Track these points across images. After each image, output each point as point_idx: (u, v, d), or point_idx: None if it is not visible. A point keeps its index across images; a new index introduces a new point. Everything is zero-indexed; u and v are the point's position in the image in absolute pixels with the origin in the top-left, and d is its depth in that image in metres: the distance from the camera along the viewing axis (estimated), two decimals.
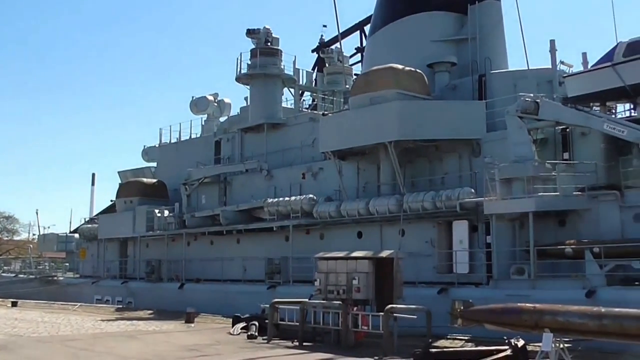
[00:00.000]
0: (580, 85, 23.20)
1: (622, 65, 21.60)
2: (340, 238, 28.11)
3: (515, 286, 21.02)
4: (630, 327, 13.03)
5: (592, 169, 22.03)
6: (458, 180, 25.83)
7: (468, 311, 15.78)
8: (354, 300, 20.50)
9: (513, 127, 22.75)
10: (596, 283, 19.49)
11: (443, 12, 30.61)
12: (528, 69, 25.57)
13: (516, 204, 21.72)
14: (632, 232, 20.66)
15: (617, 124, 21.26)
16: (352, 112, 28.23)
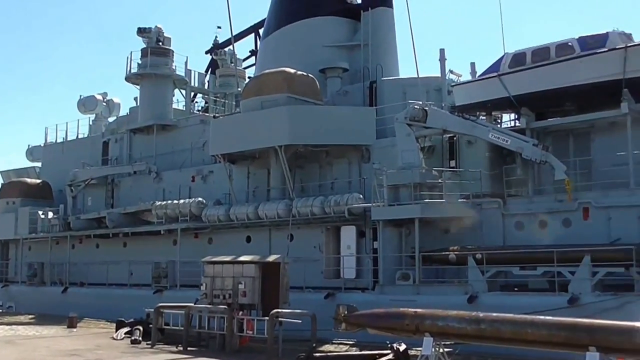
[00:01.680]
0: (467, 94, 23.65)
1: (508, 76, 22.14)
2: (228, 242, 27.52)
3: (400, 291, 21.06)
4: (505, 331, 13.17)
5: (477, 177, 22.42)
6: (347, 185, 25.83)
7: (352, 316, 15.70)
8: (239, 305, 20.32)
9: (401, 134, 22.86)
10: (478, 289, 19.75)
11: (336, 18, 30.74)
12: (418, 77, 25.90)
13: (402, 210, 21.80)
14: (513, 240, 21.16)
15: (502, 134, 21.74)
16: (243, 116, 27.75)
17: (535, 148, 20.85)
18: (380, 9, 30.37)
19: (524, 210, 21.42)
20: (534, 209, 21.24)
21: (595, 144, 21.75)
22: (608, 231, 19.65)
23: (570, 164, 21.13)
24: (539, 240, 20.43)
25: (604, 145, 21.33)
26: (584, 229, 20.08)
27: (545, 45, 21.65)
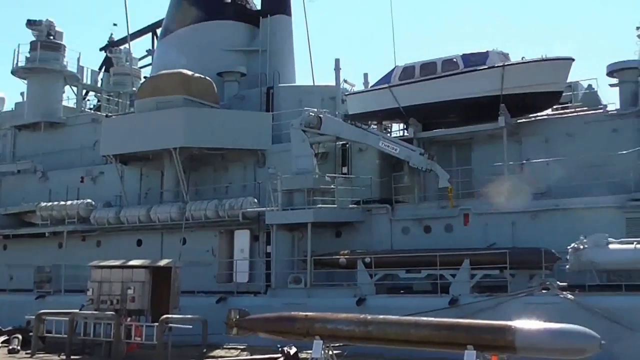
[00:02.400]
0: (360, 103, 24.53)
1: (398, 88, 23.18)
2: (118, 246, 26.91)
3: (292, 295, 21.51)
4: (391, 332, 13.89)
5: (368, 183, 23.29)
6: (242, 189, 26.01)
7: (243, 320, 15.92)
8: (128, 311, 19.92)
9: (296, 140, 23.38)
10: (366, 291, 20.54)
11: (235, 23, 30.85)
12: (314, 85, 26.61)
13: (296, 214, 22.30)
14: (400, 244, 22.20)
15: (392, 142, 22.72)
16: (137, 116, 27.36)
17: (421, 157, 21.97)
18: (279, 16, 30.81)
19: (411, 216, 22.53)
20: (420, 215, 22.39)
21: (475, 155, 23.13)
22: (485, 236, 21.04)
23: (453, 172, 22.39)
24: (423, 244, 21.54)
25: (483, 155, 22.71)
26: (464, 234, 21.43)
27: (433, 60, 22.85)
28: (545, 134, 22.05)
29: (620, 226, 19.27)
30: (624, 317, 16.37)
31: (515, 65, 21.59)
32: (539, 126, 22.34)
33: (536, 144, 21.99)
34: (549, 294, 17.69)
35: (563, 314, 15.36)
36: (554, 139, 21.78)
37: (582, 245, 17.77)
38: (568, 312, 16.09)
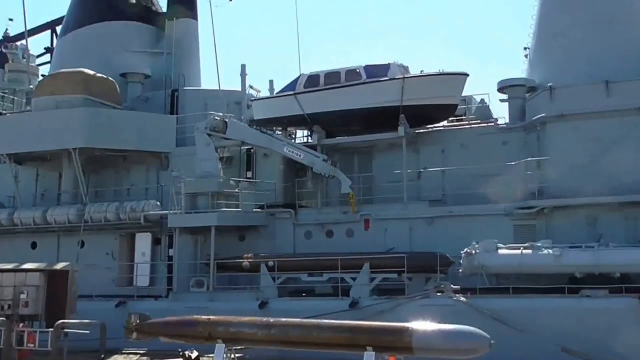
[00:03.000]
0: (265, 109, 24.84)
1: (303, 95, 23.67)
2: (11, 248, 25.82)
3: (194, 299, 21.50)
4: (293, 335, 14.16)
5: (272, 188, 23.63)
6: (144, 192, 25.70)
7: (144, 324, 15.74)
8: (20, 316, 19.08)
9: (201, 144, 23.39)
10: (269, 295, 20.85)
11: (140, 24, 30.40)
12: (219, 89, 26.63)
13: (199, 218, 22.31)
14: (303, 248, 22.68)
15: (296, 148, 23.17)
16: (34, 114, 26.49)
17: (324, 163, 22.54)
18: (185, 19, 30.62)
19: (313, 221, 23.05)
20: (322, 220, 22.95)
21: (376, 162, 23.95)
22: (384, 241, 21.86)
23: (355, 179, 23.11)
24: (325, 248, 22.10)
25: (383, 163, 23.57)
26: (364, 239, 22.16)
27: (337, 69, 23.50)
28: (441, 144, 23.14)
29: (508, 232, 20.49)
30: (511, 318, 17.44)
31: (415, 78, 22.56)
32: (436, 136, 23.44)
33: (433, 153, 23.06)
34: (443, 297, 18.56)
35: (456, 315, 16.13)
36: (449, 149, 22.90)
37: (473, 250, 18.80)
38: (461, 314, 16.94)
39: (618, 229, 19.52)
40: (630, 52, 20.76)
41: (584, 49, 21.61)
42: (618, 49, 20.99)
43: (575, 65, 21.60)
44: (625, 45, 20.96)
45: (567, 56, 22.07)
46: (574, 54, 21.84)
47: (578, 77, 20.97)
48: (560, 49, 22.40)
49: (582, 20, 21.91)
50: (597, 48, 21.36)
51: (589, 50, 21.49)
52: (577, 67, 21.46)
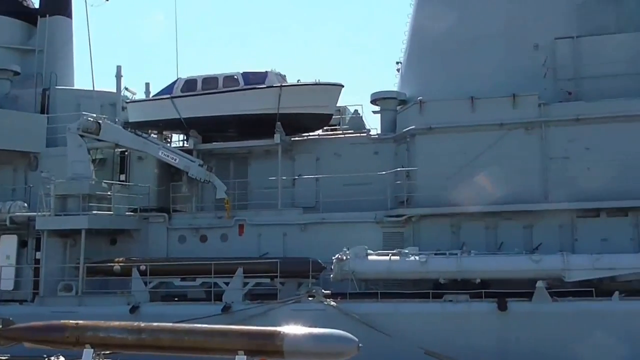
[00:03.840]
0: (141, 112, 24.43)
1: (180, 99, 23.50)
2: None
3: (62, 303, 20.82)
4: (164, 339, 14.07)
5: (146, 191, 23.28)
6: (11, 193, 24.59)
7: (7, 330, 15.12)
8: None
9: (72, 145, 22.66)
10: (140, 299, 20.53)
11: (10, 19, 28.92)
12: (94, 90, 25.87)
13: (69, 220, 21.64)
14: (176, 252, 22.50)
15: (171, 152, 22.97)
16: None
17: (200, 168, 22.51)
18: (59, 17, 29.35)
19: (187, 225, 22.93)
20: (196, 224, 22.89)
21: (252, 168, 24.11)
22: (258, 246, 22.13)
23: (230, 184, 23.18)
24: (199, 253, 22.06)
25: (258, 169, 23.79)
26: (238, 244, 22.29)
27: (215, 75, 23.51)
28: (316, 152, 23.65)
29: (378, 239, 21.30)
30: (378, 322, 18.18)
31: (291, 87, 22.99)
32: (311, 145, 23.96)
33: (308, 161, 23.54)
34: (315, 302, 19.03)
35: (327, 319, 16.69)
36: (323, 157, 23.41)
37: (344, 256, 19.41)
38: (331, 318, 17.53)
39: (479, 237, 20.68)
40: (492, 70, 22.18)
41: (452, 66, 22.84)
42: (482, 67, 22.35)
43: (443, 81, 22.77)
44: (488, 63, 22.35)
45: (435, 72, 23.21)
46: (442, 70, 23.04)
47: (446, 92, 22.12)
48: (430, 65, 23.55)
49: (450, 39, 23.18)
50: (463, 65, 22.63)
51: (456, 67, 22.72)
52: (445, 83, 22.64)
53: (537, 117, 20.72)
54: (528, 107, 20.80)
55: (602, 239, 19.63)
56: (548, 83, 21.62)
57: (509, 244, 20.14)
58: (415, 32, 24.89)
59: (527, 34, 22.14)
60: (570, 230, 20.22)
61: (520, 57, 22.00)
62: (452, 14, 23.34)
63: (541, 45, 21.94)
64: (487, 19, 22.72)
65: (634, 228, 19.75)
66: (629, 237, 19.68)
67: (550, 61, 21.75)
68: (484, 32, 22.64)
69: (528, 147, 20.71)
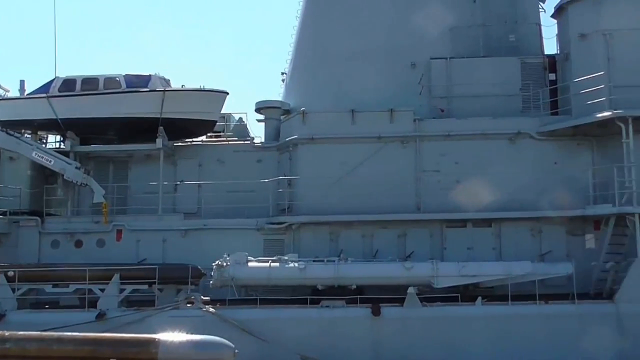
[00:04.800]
0: (14, 110, 23.40)
1: (57, 99, 22.74)
2: None
3: None
4: (31, 349, 13.59)
5: (17, 193, 22.31)
6: None
7: None
8: None
9: None
10: (7, 307, 19.61)
11: None
12: None
13: None
14: (49, 258, 21.70)
15: (46, 154, 22.16)
16: None
17: (77, 171, 21.90)
18: None
19: (62, 230, 22.21)
20: (71, 229, 22.21)
21: (132, 173, 23.72)
22: (137, 252, 21.78)
23: (109, 188, 22.74)
24: (74, 259, 21.39)
25: (139, 174, 23.45)
26: (116, 250, 21.88)
27: (95, 76, 22.96)
28: (198, 158, 23.62)
29: (259, 246, 21.58)
30: (257, 329, 18.40)
31: (175, 91, 22.87)
32: (194, 151, 23.89)
33: (190, 167, 23.47)
34: (193, 308, 18.99)
35: (205, 326, 16.68)
36: (206, 163, 23.46)
37: (224, 263, 19.53)
38: (210, 325, 17.55)
39: (357, 245, 21.46)
40: (372, 85, 23.09)
41: (334, 78, 23.60)
42: (363, 82, 23.22)
43: (326, 93, 23.49)
44: (369, 78, 23.26)
45: (319, 84, 23.91)
46: (325, 83, 23.74)
47: (328, 104, 22.84)
48: (313, 76, 24.22)
49: (333, 52, 23.94)
50: (345, 79, 23.45)
51: (339, 80, 23.50)
52: (327, 95, 23.37)
53: (412, 131, 21.85)
54: (404, 122, 21.88)
55: (468, 248, 20.98)
56: (423, 100, 22.84)
57: (384, 251, 21.03)
58: (300, 43, 25.48)
59: (405, 53, 23.29)
60: (440, 239, 21.40)
61: (398, 74, 23.11)
62: (336, 29, 24.16)
63: (418, 64, 23.17)
64: (369, 35, 23.69)
65: (496, 238, 21.23)
66: (491, 247, 21.13)
67: (426, 79, 23.01)
68: (365, 47, 23.56)
69: (403, 160, 21.76)
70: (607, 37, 21.02)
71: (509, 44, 23.46)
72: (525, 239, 21.09)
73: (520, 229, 21.13)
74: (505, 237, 21.18)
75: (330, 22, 24.46)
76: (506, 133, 21.54)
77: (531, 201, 20.91)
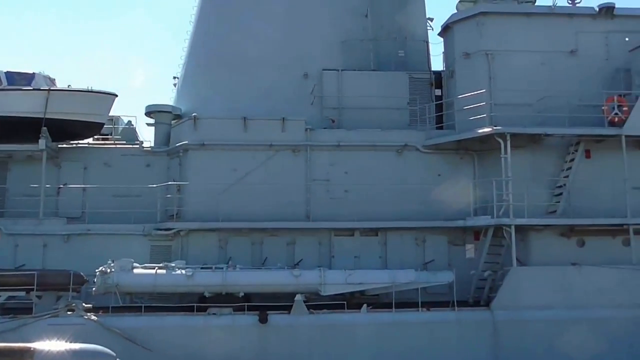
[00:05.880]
0: None
1: None
2: None
3: None
4: None
5: None
6: None
7: None
8: None
9: None
10: None
11: None
12: None
13: None
14: None
15: None
16: None
17: None
18: None
19: None
20: None
21: (12, 174, 22.57)
22: (15, 257, 20.80)
23: None
24: None
25: (20, 175, 22.37)
26: None
27: None
28: (84, 161, 22.84)
29: (145, 252, 21.15)
30: (141, 337, 17.98)
31: (61, 91, 22.02)
32: (79, 153, 23.07)
33: (75, 169, 22.65)
34: (74, 316, 18.31)
35: (87, 334, 16.14)
36: (92, 166, 22.72)
37: (108, 269, 18.99)
38: (91, 333, 16.99)
39: (246, 252, 21.46)
40: (265, 93, 23.25)
41: (227, 85, 23.57)
42: (256, 90, 23.34)
43: (218, 99, 23.40)
44: (262, 86, 23.39)
45: (211, 90, 23.78)
46: (218, 89, 23.65)
47: (220, 110, 22.75)
48: (206, 82, 24.07)
49: (227, 58, 23.91)
50: (238, 86, 23.46)
51: (231, 87, 23.49)
52: (220, 101, 23.29)
53: (304, 141, 22.17)
54: (296, 131, 22.16)
55: (355, 256, 21.47)
56: (315, 110, 23.25)
57: (273, 259, 21.14)
58: (194, 48, 25.27)
59: (298, 63, 23.66)
60: (328, 247, 21.77)
61: (291, 83, 23.42)
62: (230, 35, 24.15)
63: (310, 74, 23.59)
64: (263, 43, 23.85)
65: (382, 246, 21.84)
66: (377, 255, 21.72)
67: (318, 90, 23.42)
68: (259, 55, 23.71)
69: (294, 168, 22.03)
70: (489, 57, 22.25)
71: (398, 59, 24.34)
72: (410, 248, 21.82)
73: (405, 239, 21.86)
74: (391, 246, 21.82)
75: (224, 28, 24.42)
76: (394, 145, 22.26)
77: (416, 212, 21.70)
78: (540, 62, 22.38)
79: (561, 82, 22.09)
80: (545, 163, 21.71)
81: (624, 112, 21.17)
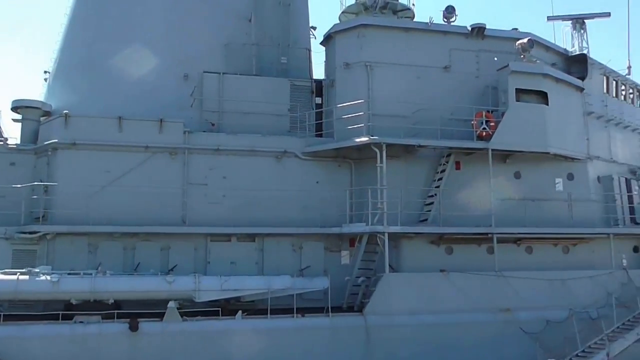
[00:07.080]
0: None
1: None
2: None
3: None
4: None
5: None
6: None
7: None
8: None
9: None
10: None
11: None
12: None
13: None
14: None
15: None
16: None
17: None
18: None
19: None
20: None
21: None
22: None
23: None
24: None
25: None
26: None
27: None
28: None
29: (7, 257, 19.91)
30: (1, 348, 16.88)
31: None
32: None
33: None
34: None
35: None
36: None
37: None
38: None
39: (117, 257, 20.65)
40: (143, 93, 22.54)
41: (101, 83, 22.68)
42: (133, 89, 22.58)
43: (92, 97, 22.45)
44: (139, 86, 22.66)
45: (85, 87, 22.81)
46: (92, 87, 22.70)
47: (94, 109, 21.80)
48: (79, 79, 23.05)
49: (103, 55, 22.99)
50: (113, 84, 22.61)
51: (106, 85, 22.63)
52: (93, 99, 22.35)
53: (182, 143, 21.67)
54: (173, 133, 21.63)
55: (231, 262, 21.22)
56: (194, 112, 22.83)
57: (146, 265, 20.49)
58: (68, 42, 24.13)
59: (178, 63, 23.12)
60: (204, 252, 21.39)
61: (170, 84, 22.87)
62: (107, 32, 23.31)
63: (191, 76, 23.15)
64: (142, 41, 23.16)
65: (259, 252, 21.76)
66: (254, 261, 21.61)
67: (198, 92, 23.02)
68: (138, 54, 22.99)
69: (171, 171, 21.49)
70: (369, 68, 22.78)
71: (280, 65, 24.44)
72: (287, 254, 21.88)
73: (282, 245, 21.89)
74: (268, 252, 21.78)
75: (101, 24, 23.48)
76: (273, 151, 22.26)
77: (294, 218, 21.80)
78: (416, 76, 23.20)
79: (435, 96, 22.99)
80: (418, 173, 22.52)
81: (491, 127, 22.35)
